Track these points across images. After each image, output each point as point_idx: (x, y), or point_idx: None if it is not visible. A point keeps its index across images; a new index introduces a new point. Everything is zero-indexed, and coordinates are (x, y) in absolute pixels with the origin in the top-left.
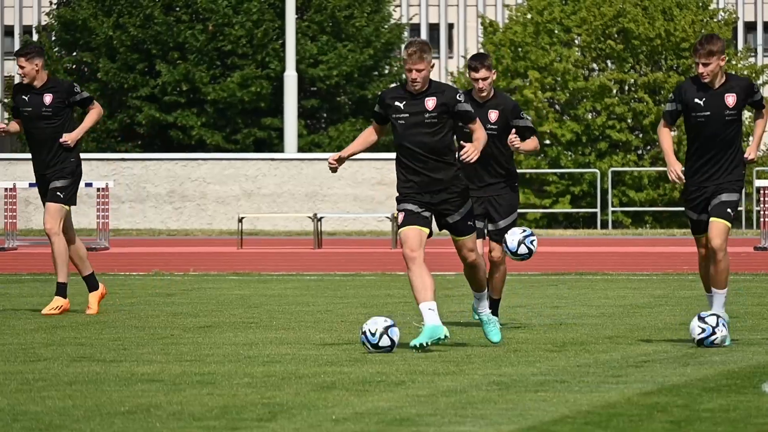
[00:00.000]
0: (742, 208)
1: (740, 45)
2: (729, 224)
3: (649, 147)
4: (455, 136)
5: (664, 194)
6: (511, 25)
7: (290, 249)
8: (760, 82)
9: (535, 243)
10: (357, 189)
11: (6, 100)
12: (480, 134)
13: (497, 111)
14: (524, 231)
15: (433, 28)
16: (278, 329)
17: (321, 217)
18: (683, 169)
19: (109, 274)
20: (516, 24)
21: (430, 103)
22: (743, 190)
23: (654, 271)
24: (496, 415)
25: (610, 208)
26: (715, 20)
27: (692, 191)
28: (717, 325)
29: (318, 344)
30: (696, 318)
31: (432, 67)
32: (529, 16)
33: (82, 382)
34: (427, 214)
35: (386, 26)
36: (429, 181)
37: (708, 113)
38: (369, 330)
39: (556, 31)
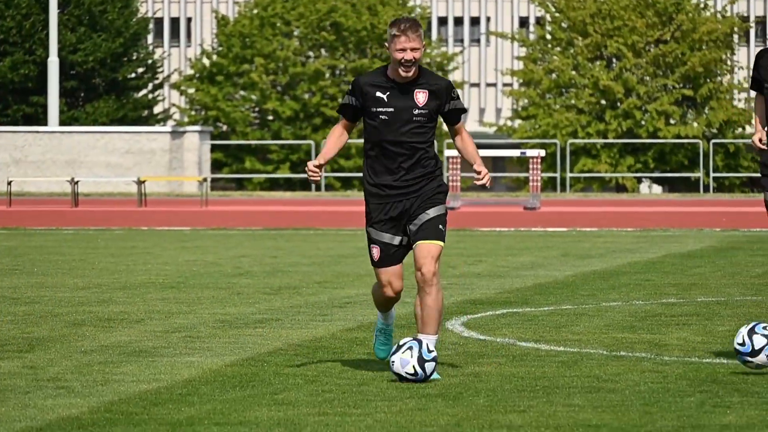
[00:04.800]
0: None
1: (434, 36)
2: None
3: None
4: None
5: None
6: (240, 18)
7: (51, 208)
8: (450, 67)
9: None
10: (109, 157)
11: None
12: (470, 144)
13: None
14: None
15: (174, 22)
16: (39, 275)
17: (77, 181)
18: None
19: None
20: (244, 18)
21: (421, 96)
22: None
23: (358, 227)
24: (220, 348)
25: (323, 174)
26: (412, 15)
27: None
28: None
29: (72, 288)
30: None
31: (425, 46)
32: (255, 11)
33: None
34: (403, 241)
35: (134, 20)
36: (406, 186)
37: None
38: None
39: (278, 24)
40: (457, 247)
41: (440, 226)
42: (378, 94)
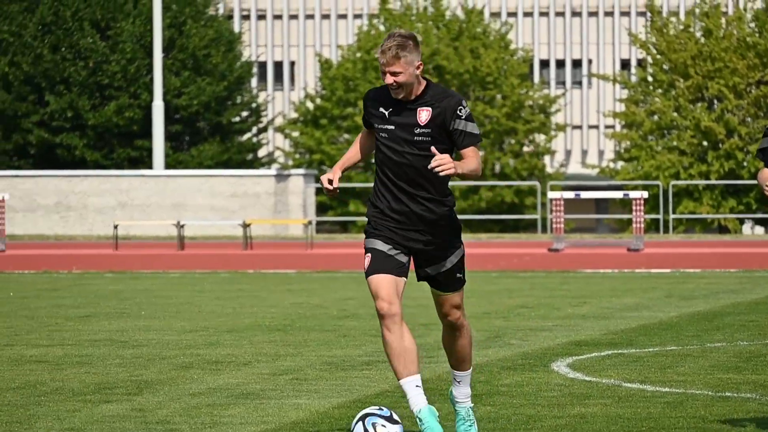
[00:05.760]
0: (538, 216)
1: (536, 79)
2: None
3: None
4: None
5: (472, 204)
6: (343, 62)
7: (157, 251)
8: (552, 109)
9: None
10: (214, 200)
11: None
12: (470, 160)
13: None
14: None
15: (278, 66)
16: (146, 318)
17: (183, 224)
18: None
19: (5, 272)
20: (348, 61)
21: (424, 114)
22: None
23: None
24: (327, 390)
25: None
26: (514, 57)
27: None
28: None
29: (179, 331)
30: None
31: (419, 67)
32: (358, 54)
33: None
34: (403, 258)
35: (238, 63)
36: (411, 215)
37: None
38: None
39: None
40: (562, 289)
41: (458, 275)
42: (380, 109)
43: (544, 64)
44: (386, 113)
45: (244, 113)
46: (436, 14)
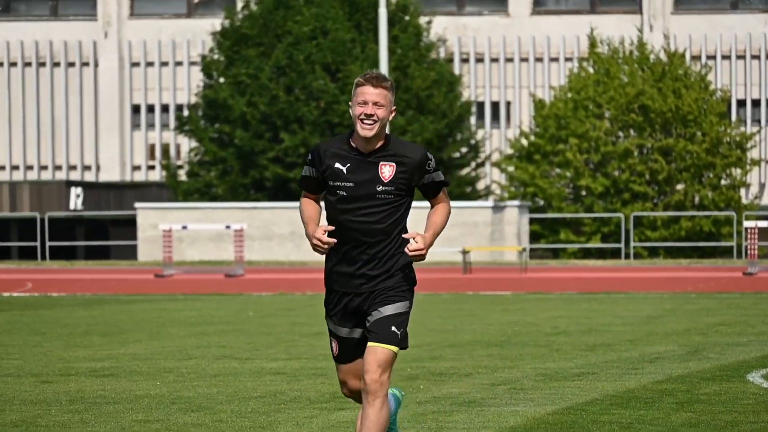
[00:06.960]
0: (733, 243)
1: (733, 117)
2: None
3: (662, 196)
4: None
5: (673, 233)
6: (556, 101)
7: None
8: (748, 145)
9: None
10: None
11: (164, 163)
12: (439, 215)
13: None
14: None
15: (495, 105)
16: None
17: None
18: None
19: (244, 294)
20: (559, 101)
21: (387, 169)
22: None
23: (664, 290)
24: (542, 399)
25: (632, 244)
26: (713, 97)
27: None
28: None
29: None
30: None
31: (393, 112)
32: (569, 95)
33: (224, 374)
34: (358, 333)
35: (458, 103)
36: (362, 275)
37: None
38: None
39: (590, 107)
40: (755, 309)
41: (393, 328)
42: (337, 165)
43: (741, 103)
44: (344, 169)
45: (464, 149)
46: (641, 57)
